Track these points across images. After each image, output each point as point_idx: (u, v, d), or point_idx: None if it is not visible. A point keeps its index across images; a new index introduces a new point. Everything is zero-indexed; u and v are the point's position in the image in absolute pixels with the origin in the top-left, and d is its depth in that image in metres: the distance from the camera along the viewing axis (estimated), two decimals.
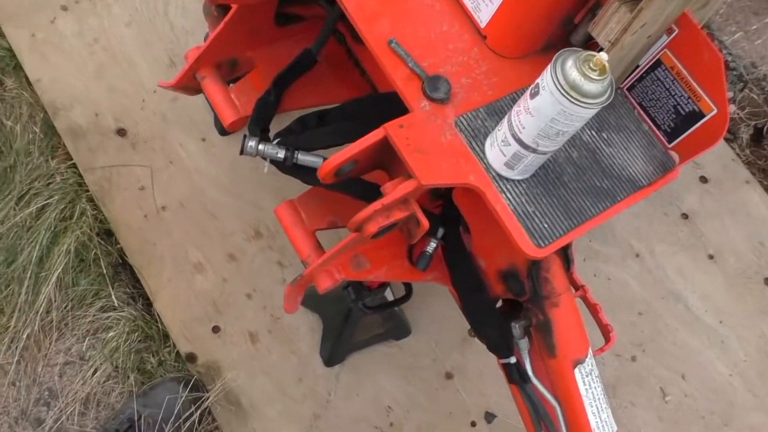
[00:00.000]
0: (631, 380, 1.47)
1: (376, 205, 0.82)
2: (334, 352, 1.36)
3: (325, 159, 0.95)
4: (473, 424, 1.40)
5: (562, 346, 1.02)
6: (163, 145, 1.48)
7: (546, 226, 0.83)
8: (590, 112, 0.71)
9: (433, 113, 0.85)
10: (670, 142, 0.93)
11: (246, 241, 1.44)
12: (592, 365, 1.04)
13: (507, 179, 0.84)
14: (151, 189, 1.44)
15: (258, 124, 1.08)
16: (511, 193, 0.84)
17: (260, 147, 1.01)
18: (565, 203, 0.86)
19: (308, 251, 1.08)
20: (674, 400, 1.47)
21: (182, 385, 1.30)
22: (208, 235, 1.43)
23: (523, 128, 0.76)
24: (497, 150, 0.81)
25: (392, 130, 0.82)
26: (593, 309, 1.12)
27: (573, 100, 0.69)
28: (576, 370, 1.02)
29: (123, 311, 1.33)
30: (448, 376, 1.42)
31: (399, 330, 1.42)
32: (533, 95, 0.73)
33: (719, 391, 1.49)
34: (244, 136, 1.01)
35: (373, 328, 1.39)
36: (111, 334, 1.30)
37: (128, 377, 1.31)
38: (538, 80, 0.73)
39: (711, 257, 1.57)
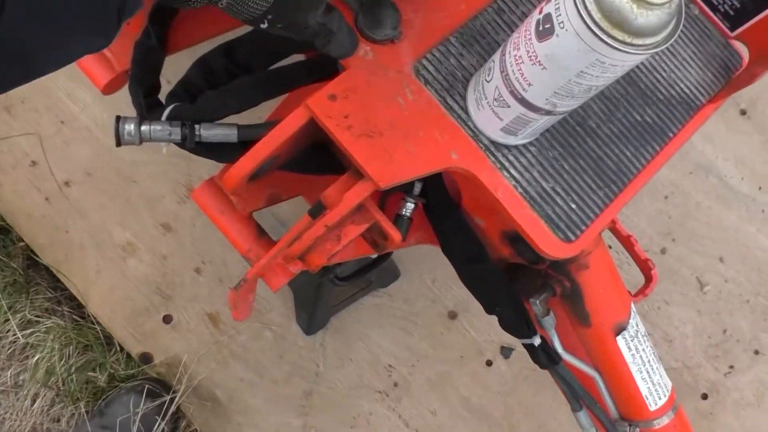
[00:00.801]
0: (663, 276, 1.26)
1: (318, 228, 0.54)
2: (313, 321, 1.13)
3: (239, 128, 0.67)
4: (489, 363, 1.20)
5: (598, 313, 0.78)
6: (47, 101, 1.14)
7: (574, 206, 0.56)
8: (643, 57, 0.41)
9: (380, 63, 0.54)
10: (733, 29, 0.63)
11: (179, 203, 1.16)
12: (636, 324, 0.81)
13: (507, 147, 0.56)
14: (46, 162, 1.13)
15: (141, 83, 0.76)
16: (515, 167, 0.55)
17: (143, 129, 0.70)
18: (596, 162, 0.58)
19: (248, 245, 0.80)
20: (713, 289, 1.27)
21: (143, 393, 1.08)
22: (131, 206, 1.15)
23: (529, 85, 0.46)
24: (488, 112, 0.52)
25: (319, 107, 0.52)
26: (626, 242, 0.87)
27: (617, 43, 0.39)
28: (619, 338, 0.79)
29: (47, 323, 1.08)
30: (452, 315, 1.20)
31: (385, 276, 1.18)
32: (542, 35, 0.43)
33: (764, 269, 1.28)
34: (117, 119, 0.70)
35: (355, 283, 1.15)
36: (38, 356, 1.06)
37: (77, 399, 1.09)
38: (549, 7, 0.42)
39: (743, 113, 1.30)
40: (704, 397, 1.25)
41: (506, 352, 1.21)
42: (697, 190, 1.28)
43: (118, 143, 0.71)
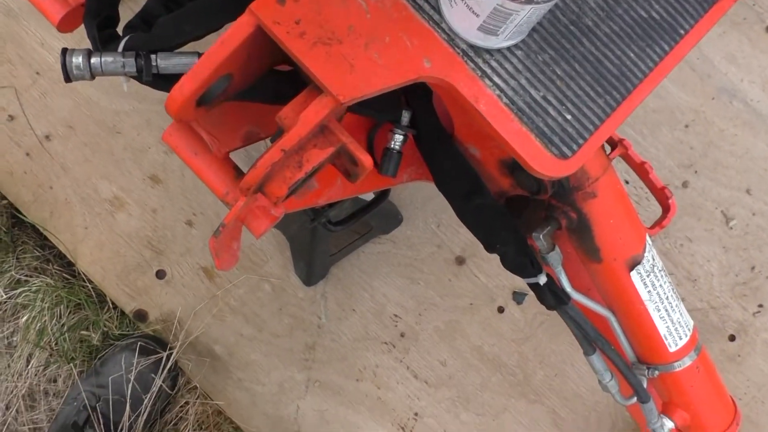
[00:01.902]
0: (685, 211, 1.18)
1: (274, 153, 0.47)
2: (312, 270, 1.07)
3: (200, 56, 0.60)
4: (500, 309, 1.14)
5: (609, 246, 0.71)
6: (20, 51, 1.08)
7: (570, 116, 0.49)
8: None
9: None
10: None
11: (167, 154, 1.10)
12: (652, 258, 0.74)
13: (488, 51, 0.48)
14: (24, 116, 1.08)
15: (95, 15, 0.70)
16: (499, 75, 0.48)
17: (93, 61, 0.64)
18: (594, 66, 0.50)
19: (225, 187, 0.74)
20: (740, 223, 1.18)
21: (137, 351, 1.04)
22: (115, 158, 1.09)
23: None
24: (462, 8, 0.44)
25: (265, 12, 0.45)
26: (641, 170, 0.80)
27: None
28: (633, 273, 0.72)
29: (36, 282, 1.04)
30: (459, 261, 1.14)
31: (387, 221, 1.11)
32: None
33: None
34: (63, 51, 0.64)
35: (355, 229, 1.08)
36: (28, 315, 1.02)
37: (72, 359, 1.05)
38: None
39: None
40: (731, 338, 1.18)
41: (519, 297, 1.15)
42: (721, 116, 1.18)
43: (67, 78, 0.65)
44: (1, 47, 1.07)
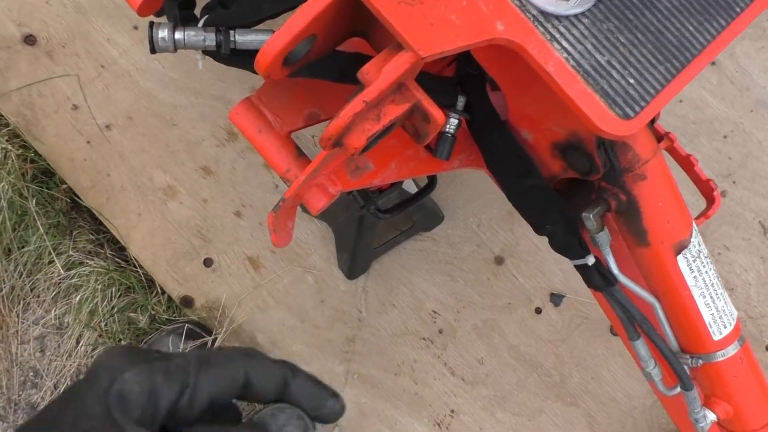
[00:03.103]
0: (723, 221, 1.19)
1: (356, 104, 0.51)
2: (354, 264, 1.10)
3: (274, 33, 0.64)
4: (538, 310, 1.16)
5: (657, 230, 0.73)
6: (87, 45, 1.14)
7: (632, 80, 0.52)
8: None
9: None
10: None
11: (219, 147, 1.14)
12: (698, 244, 0.76)
13: (557, 17, 0.51)
14: (86, 106, 1.13)
15: None
16: (567, 39, 0.51)
17: (177, 36, 0.68)
18: (656, 36, 0.53)
19: (286, 164, 0.78)
20: None
21: (184, 335, 1.07)
22: (171, 149, 1.14)
23: None
24: None
25: None
26: (686, 163, 0.82)
27: None
28: (680, 258, 0.74)
29: (90, 264, 1.08)
30: (498, 260, 1.16)
31: (429, 219, 1.14)
32: None
33: None
34: (150, 25, 0.68)
35: (397, 225, 1.12)
36: (81, 294, 1.05)
37: (120, 340, 1.08)
38: None
39: None
40: None
41: (556, 299, 1.16)
42: (759, 128, 1.20)
43: (153, 50, 0.70)
44: (70, 41, 1.13)
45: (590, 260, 0.74)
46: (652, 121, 0.71)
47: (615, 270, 0.75)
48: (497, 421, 1.14)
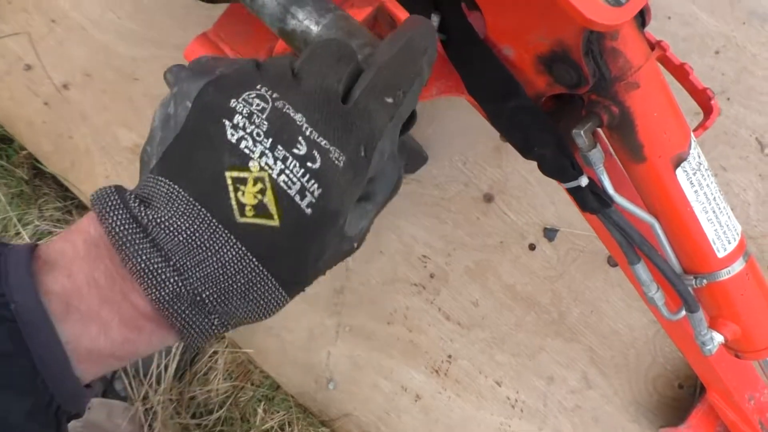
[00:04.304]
0: (718, 140, 1.14)
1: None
2: None
3: None
4: (532, 247, 1.11)
5: (653, 143, 0.68)
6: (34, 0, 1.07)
7: None
8: None
9: None
10: None
11: None
12: (698, 156, 0.71)
13: None
14: (40, 65, 1.06)
15: None
16: None
17: None
18: None
19: None
20: None
21: None
22: (135, 105, 1.07)
23: None
24: None
25: None
26: (680, 72, 0.77)
27: None
28: (679, 171, 0.69)
29: (59, 233, 1.02)
30: (488, 198, 1.11)
31: (412, 160, 1.09)
32: None
33: None
34: None
35: None
36: None
37: None
38: None
39: None
40: None
41: (550, 233, 1.12)
42: (753, 41, 1.14)
43: None
44: None
45: (583, 181, 0.69)
46: (643, 25, 0.65)
47: (610, 190, 0.70)
48: (497, 363, 1.10)
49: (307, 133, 0.36)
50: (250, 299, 0.38)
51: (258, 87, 0.37)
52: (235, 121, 0.36)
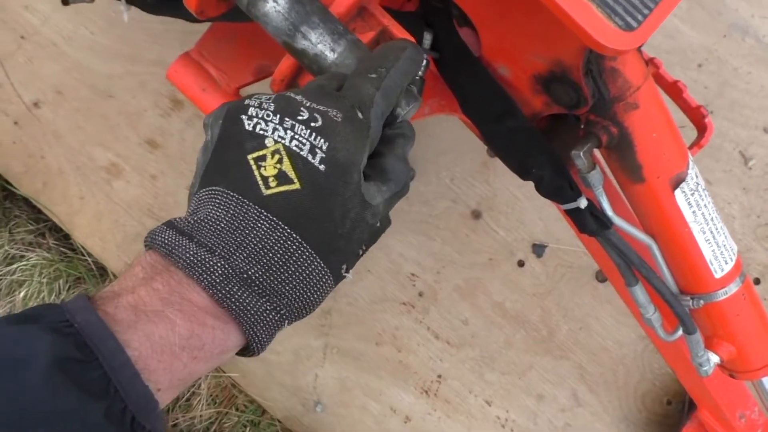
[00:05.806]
0: (703, 153, 1.14)
1: None
2: None
3: None
4: (521, 263, 1.10)
5: (652, 163, 0.67)
6: (3, 16, 1.02)
7: None
8: None
9: None
10: None
11: (164, 117, 1.04)
12: (696, 176, 0.70)
13: None
14: (9, 83, 1.02)
15: None
16: None
17: None
18: None
19: None
20: (759, 162, 1.15)
21: None
22: (110, 123, 1.03)
23: None
24: None
25: None
26: (673, 90, 0.76)
27: None
28: (677, 192, 0.68)
29: (32, 257, 0.98)
30: (476, 215, 1.09)
31: None
32: None
33: None
34: None
35: None
36: (25, 290, 0.96)
37: None
38: None
39: None
40: (756, 281, 1.15)
41: (539, 249, 1.10)
42: (733, 54, 1.15)
43: (65, 1, 0.60)
44: None
45: (583, 203, 0.68)
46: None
47: (609, 212, 0.68)
48: (486, 382, 1.09)
49: (307, 104, 0.41)
50: (292, 272, 0.40)
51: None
52: (249, 113, 0.41)
